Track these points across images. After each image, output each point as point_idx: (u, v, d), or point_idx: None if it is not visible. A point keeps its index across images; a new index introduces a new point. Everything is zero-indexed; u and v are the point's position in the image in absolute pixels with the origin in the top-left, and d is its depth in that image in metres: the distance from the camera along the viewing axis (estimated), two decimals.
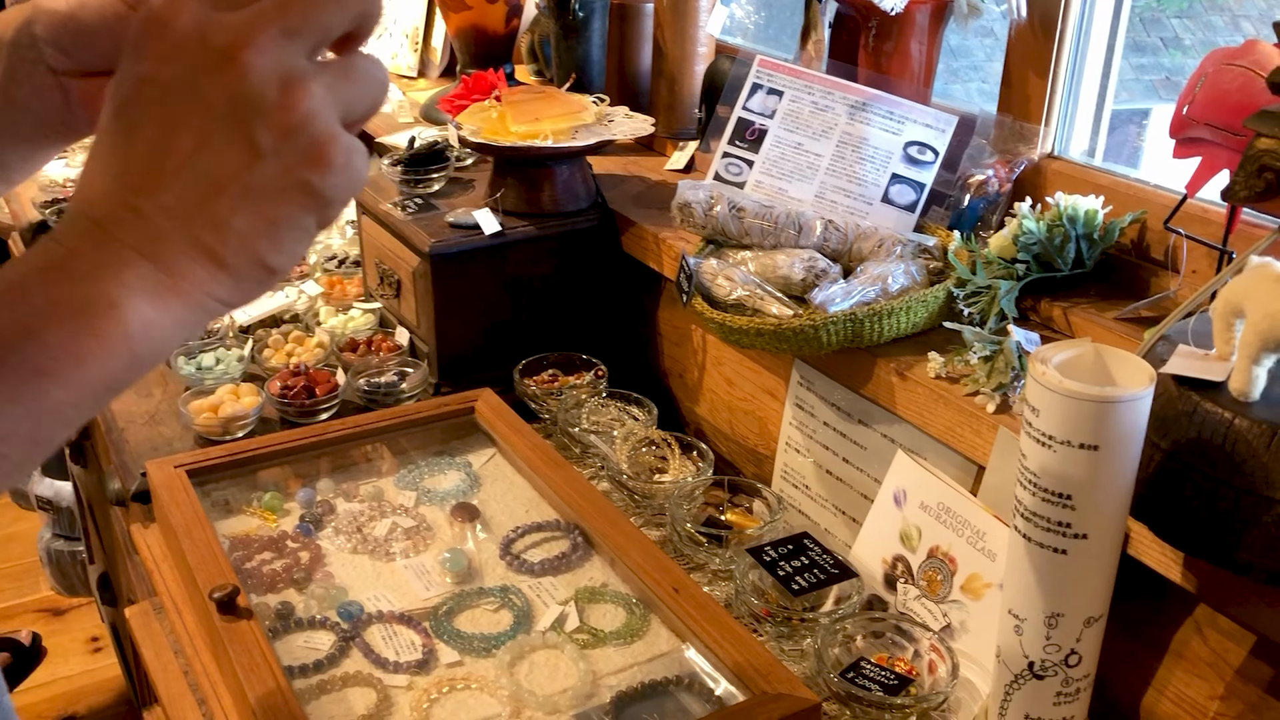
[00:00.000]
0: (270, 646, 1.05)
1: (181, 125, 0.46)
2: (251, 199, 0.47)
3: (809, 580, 1.13)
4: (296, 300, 1.82)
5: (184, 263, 0.47)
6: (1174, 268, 1.21)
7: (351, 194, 0.49)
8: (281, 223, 0.47)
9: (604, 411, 1.52)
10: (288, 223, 0.48)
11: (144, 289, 0.46)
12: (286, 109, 0.46)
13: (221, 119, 0.46)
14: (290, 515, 1.34)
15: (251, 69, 0.46)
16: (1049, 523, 0.85)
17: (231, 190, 0.46)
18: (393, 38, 2.55)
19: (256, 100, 0.46)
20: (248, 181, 0.46)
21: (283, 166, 0.46)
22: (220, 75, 0.46)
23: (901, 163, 1.37)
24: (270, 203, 0.47)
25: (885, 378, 1.19)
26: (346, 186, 0.48)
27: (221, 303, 0.49)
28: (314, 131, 0.46)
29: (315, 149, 0.47)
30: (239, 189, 0.46)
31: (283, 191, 0.47)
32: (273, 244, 0.48)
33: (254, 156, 0.46)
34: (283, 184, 0.47)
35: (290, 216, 0.48)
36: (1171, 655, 1.00)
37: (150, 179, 0.46)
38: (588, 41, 1.89)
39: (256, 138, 0.46)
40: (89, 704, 2.57)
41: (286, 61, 0.46)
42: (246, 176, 0.46)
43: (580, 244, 1.63)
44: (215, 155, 0.46)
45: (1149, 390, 0.81)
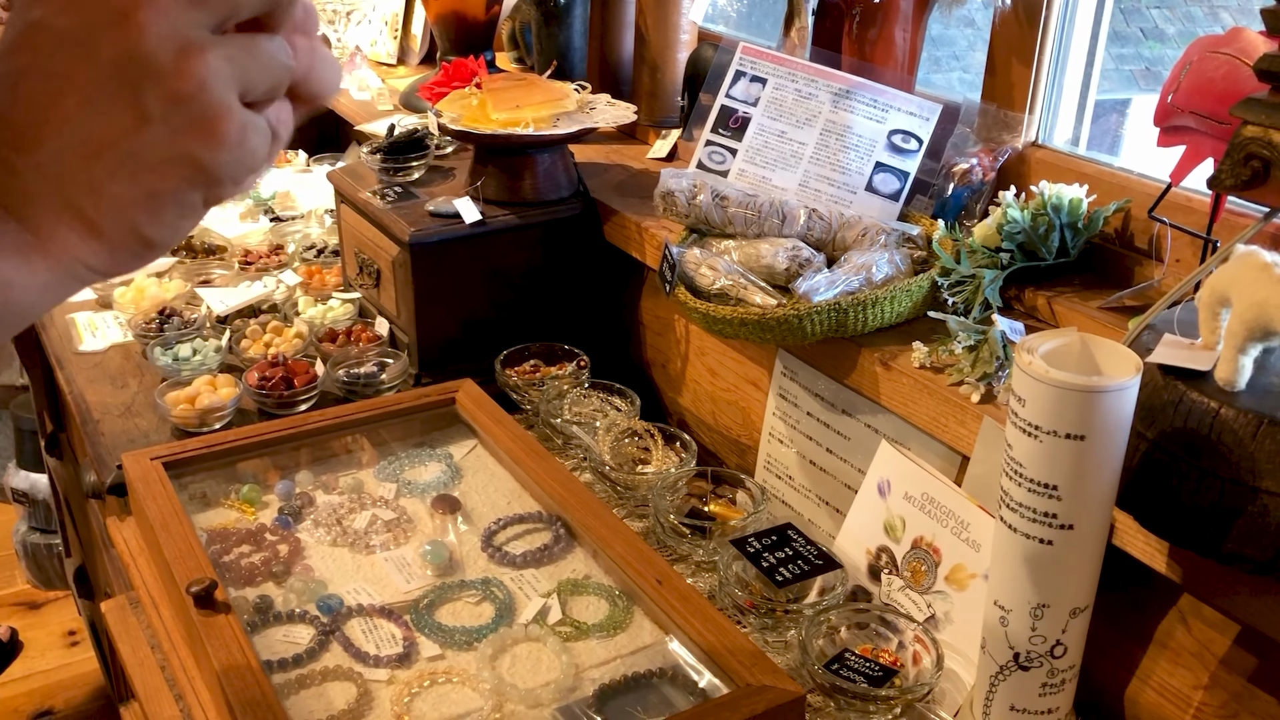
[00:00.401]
0: (248, 641, 1.04)
1: (68, 80, 0.43)
2: (132, 166, 0.44)
3: (793, 572, 1.12)
4: (275, 290, 1.80)
5: (54, 224, 0.45)
6: (1158, 257, 1.20)
7: (245, 174, 0.47)
8: (163, 195, 0.45)
9: (586, 402, 1.50)
10: (170, 196, 0.45)
11: (7, 248, 0.44)
12: (179, 75, 0.43)
13: (110, 78, 0.43)
14: (269, 508, 1.32)
15: (147, 30, 0.43)
16: (1035, 513, 0.84)
17: (112, 154, 0.44)
18: (372, 24, 2.52)
19: (148, 62, 0.43)
20: (130, 147, 0.44)
21: (169, 135, 0.44)
22: (114, 32, 0.43)
23: (885, 151, 1.36)
24: (152, 172, 0.45)
25: (869, 368, 1.19)
26: (238, 165, 0.46)
27: (93, 270, 0.46)
28: (205, 102, 0.44)
29: (205, 121, 0.44)
30: (120, 154, 0.44)
31: (167, 162, 0.45)
32: (151, 216, 0.46)
33: (140, 121, 0.44)
34: (167, 154, 0.44)
35: (173, 190, 0.45)
36: (1156, 645, 1.00)
37: (27, 133, 0.44)
38: (569, 28, 1.88)
39: (144, 102, 0.43)
40: (66, 698, 2.55)
41: (185, 28, 0.44)
42: (129, 141, 0.44)
43: (562, 233, 1.62)
44: (99, 115, 0.44)
45: (1136, 380, 0.81)
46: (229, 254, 1.95)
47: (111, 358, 1.67)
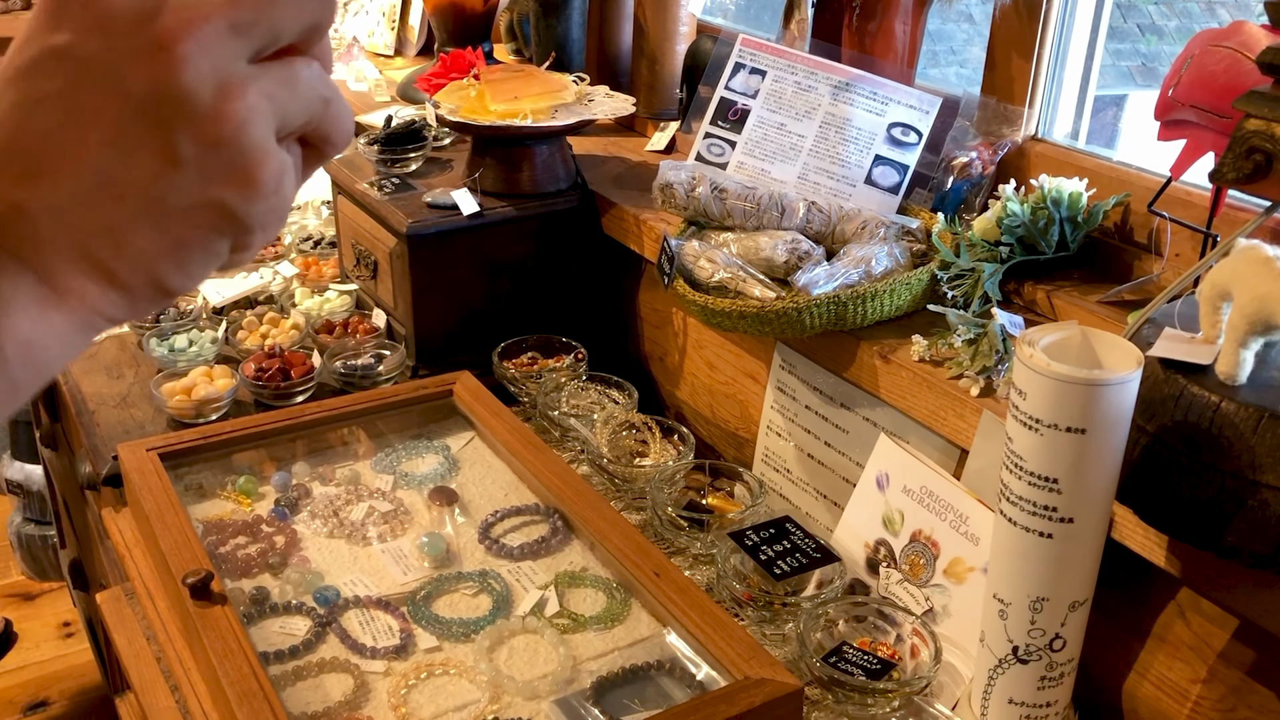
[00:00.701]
0: (245, 632, 1.03)
1: (93, 114, 0.39)
2: (158, 213, 0.40)
3: (791, 565, 1.12)
4: (271, 281, 1.79)
5: (71, 275, 0.40)
6: (1157, 251, 1.20)
7: (276, 222, 0.43)
8: (190, 245, 0.41)
9: (584, 395, 1.50)
10: (197, 245, 0.41)
11: (22, 303, 0.40)
12: (217, 117, 0.39)
13: (141, 115, 0.39)
14: (265, 499, 1.32)
15: (187, 64, 0.39)
16: (1035, 506, 0.84)
17: (136, 199, 0.40)
18: (369, 15, 2.52)
19: (186, 101, 0.39)
20: (157, 192, 0.40)
21: (201, 181, 0.40)
22: (150, 64, 0.39)
23: (885, 144, 1.36)
24: (180, 220, 0.41)
25: (868, 361, 1.18)
26: (271, 212, 0.42)
27: (111, 320, 0.43)
28: (244, 146, 0.40)
29: (243, 167, 0.40)
30: (146, 199, 0.40)
31: (196, 209, 0.41)
32: (176, 265, 0.42)
33: (170, 165, 0.40)
34: (197, 201, 0.40)
35: (201, 239, 0.41)
36: (1154, 639, 1.00)
37: (43, 171, 0.39)
38: (568, 20, 1.87)
39: (176, 143, 0.39)
40: (61, 689, 2.54)
41: (228, 63, 0.40)
42: (157, 186, 0.40)
43: (560, 225, 1.62)
44: (125, 156, 0.39)
45: (1137, 373, 0.81)
46: None
47: (107, 348, 1.67)
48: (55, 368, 0.42)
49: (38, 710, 2.48)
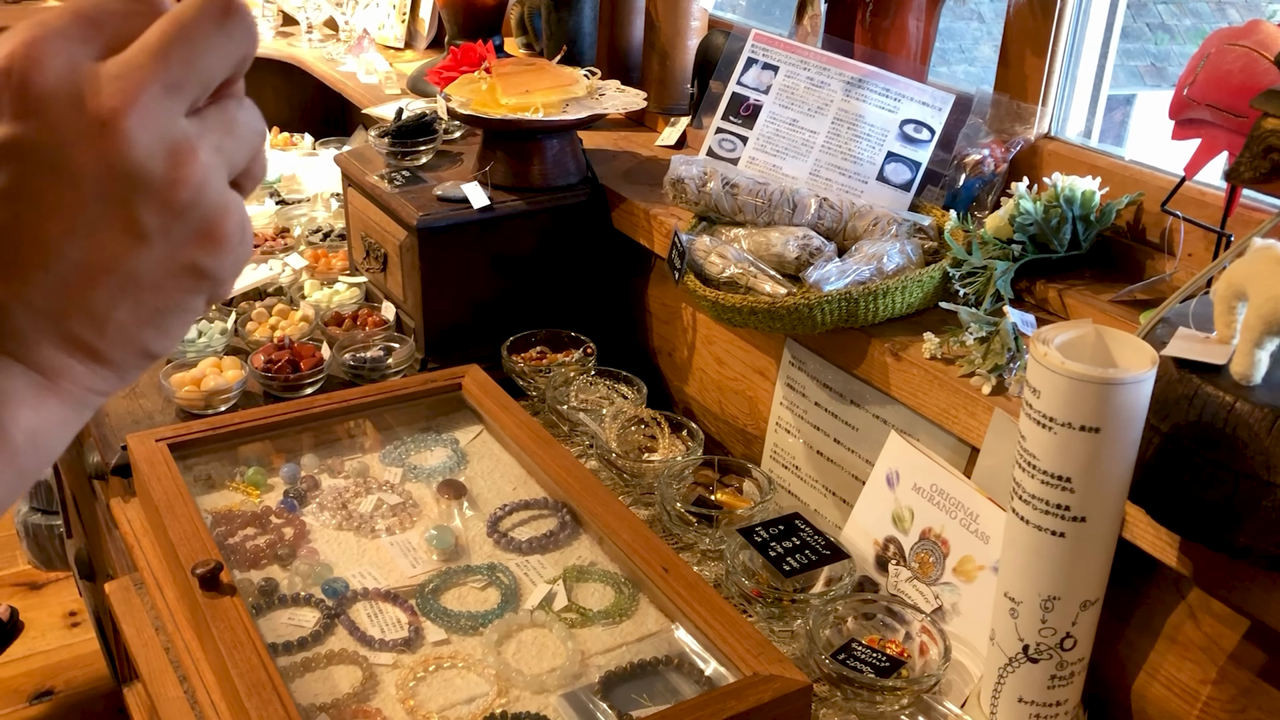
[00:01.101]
0: (253, 623, 1.03)
1: (49, 205, 0.38)
2: (134, 288, 0.40)
3: (800, 561, 1.12)
4: (281, 273, 1.79)
5: (60, 361, 0.41)
6: (1170, 250, 1.20)
7: (243, 265, 0.43)
8: (169, 310, 0.42)
9: (592, 390, 1.50)
10: (175, 309, 0.42)
11: (21, 395, 0.40)
12: (176, 184, 0.39)
13: (98, 198, 0.38)
14: (274, 491, 1.32)
15: (134, 138, 0.38)
16: (1047, 505, 0.84)
17: (110, 279, 0.40)
18: (380, 8, 2.51)
19: (141, 176, 0.39)
20: (129, 269, 0.40)
21: (171, 249, 0.40)
22: (97, 144, 0.38)
23: (897, 141, 1.36)
24: (156, 291, 0.41)
25: (879, 358, 1.18)
26: (239, 261, 0.42)
27: (105, 394, 0.43)
28: (206, 206, 0.40)
29: (208, 226, 0.40)
30: (119, 278, 0.40)
31: (171, 277, 0.41)
32: (159, 332, 0.42)
33: (137, 240, 0.39)
34: (171, 269, 0.40)
35: (178, 302, 0.42)
36: (1164, 639, 1.00)
37: (9, 270, 0.39)
38: (579, 14, 1.87)
39: (140, 219, 0.39)
40: (67, 679, 2.54)
41: (173, 126, 0.39)
42: (128, 263, 0.40)
43: (570, 220, 1.61)
44: (91, 241, 0.39)
45: (1151, 372, 0.80)
46: None
47: None
48: (58, 450, 0.43)
49: (43, 699, 2.49)
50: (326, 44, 2.53)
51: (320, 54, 2.48)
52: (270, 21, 2.63)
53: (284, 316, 1.64)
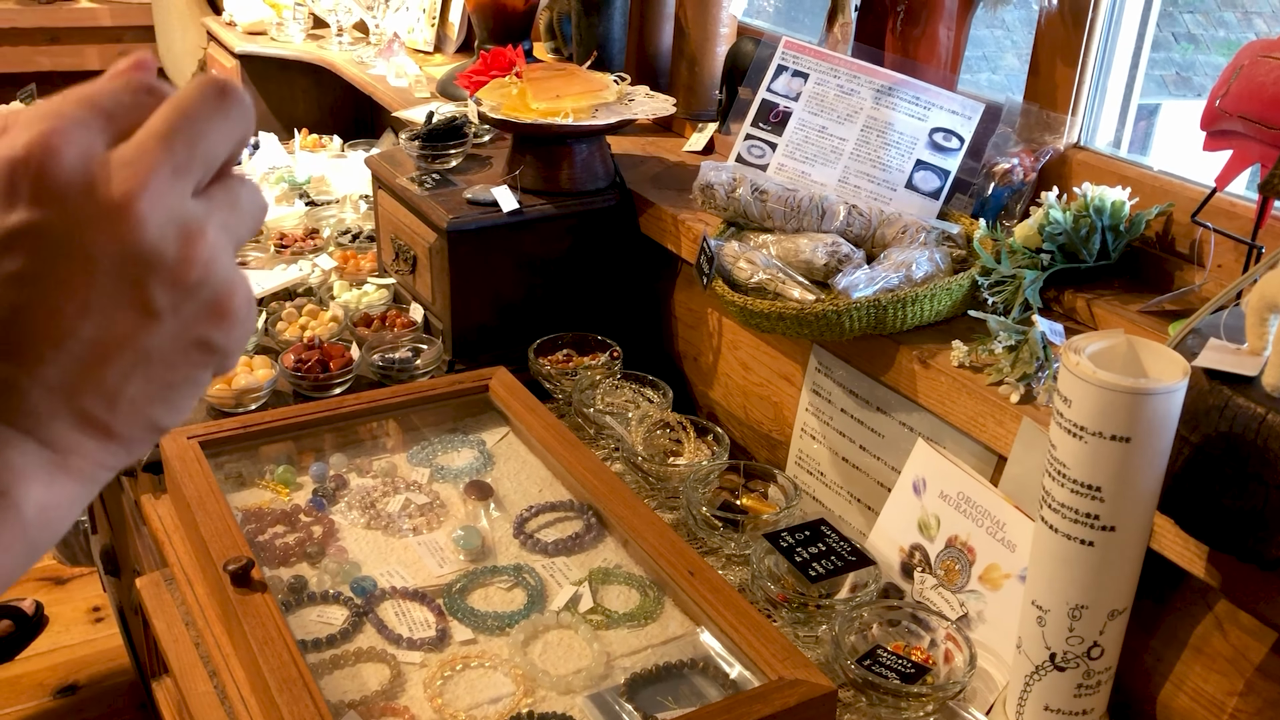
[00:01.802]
0: (284, 620, 1.04)
1: (63, 286, 0.40)
2: (145, 365, 0.41)
3: (826, 567, 1.12)
4: (310, 274, 1.80)
5: (72, 437, 0.42)
6: (1199, 261, 1.20)
7: (250, 337, 0.45)
8: (178, 384, 0.43)
9: (618, 393, 1.51)
10: (185, 383, 0.43)
11: (33, 471, 0.41)
12: (187, 263, 0.41)
13: (111, 279, 0.40)
14: (303, 489, 1.33)
15: (147, 221, 0.40)
16: (1077, 514, 0.84)
17: (122, 357, 0.41)
18: (409, 11, 2.53)
19: (153, 257, 0.40)
20: (141, 346, 0.41)
21: (181, 326, 0.41)
22: (110, 228, 0.39)
23: (926, 149, 1.36)
24: (167, 366, 0.42)
25: (907, 365, 1.19)
26: (247, 334, 0.44)
27: (113, 470, 0.44)
28: (216, 283, 0.41)
29: (217, 303, 0.42)
30: (131, 355, 0.41)
31: (181, 352, 0.42)
32: (168, 407, 0.43)
33: (149, 318, 0.41)
34: (181, 345, 0.42)
35: (188, 376, 0.43)
36: (1190, 650, 1.00)
37: (25, 349, 0.40)
38: (609, 19, 1.88)
39: (152, 297, 0.40)
40: (90, 673, 2.57)
41: (181, 207, 0.41)
42: (140, 341, 0.41)
43: (597, 224, 1.62)
44: (104, 320, 0.40)
45: (1183, 383, 0.81)
46: (265, 236, 1.96)
47: None
48: (67, 524, 0.43)
49: (67, 693, 2.51)
50: (356, 47, 2.55)
51: (350, 57, 2.50)
52: (301, 24, 2.66)
53: (313, 317, 1.65)
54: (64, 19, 3.48)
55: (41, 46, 3.49)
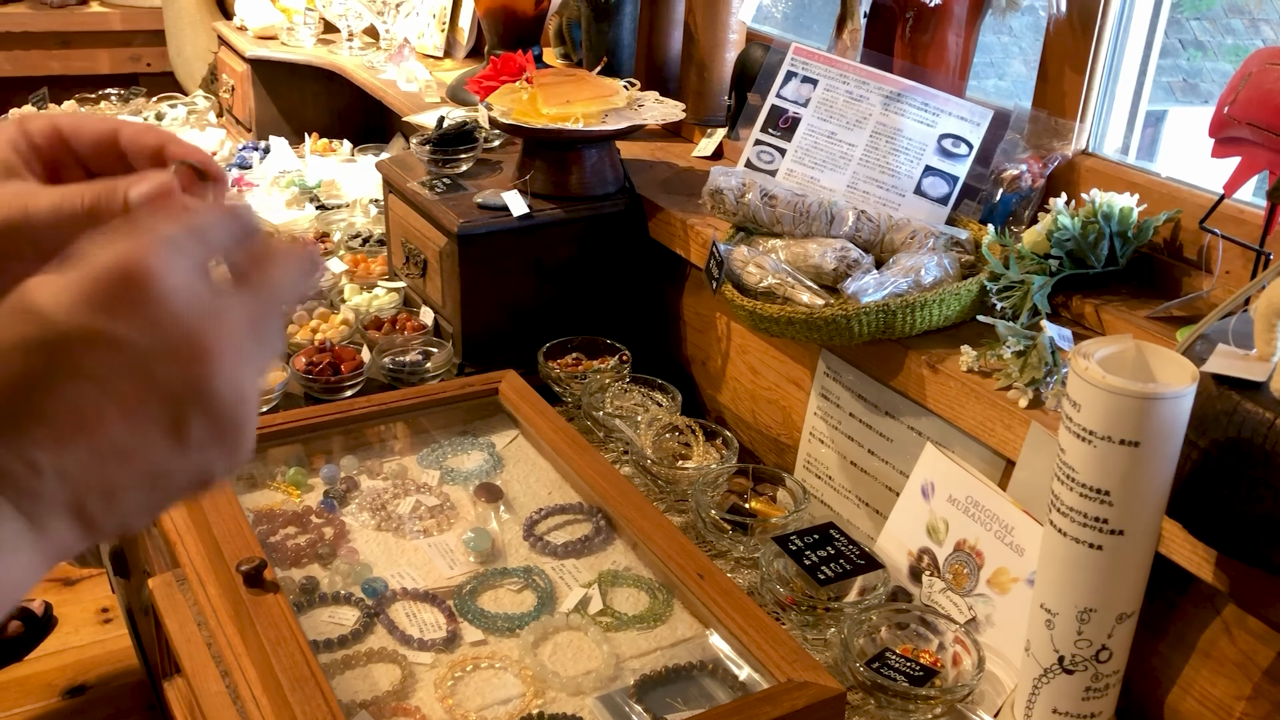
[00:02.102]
0: (296, 620, 1.05)
1: (122, 395, 0.42)
2: (153, 480, 0.44)
3: (835, 570, 1.13)
4: (321, 277, 1.82)
5: (58, 525, 0.43)
6: (1207, 268, 1.20)
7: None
8: (167, 501, 0.45)
9: (627, 397, 1.52)
10: (173, 500, 0.46)
11: (12, 548, 0.42)
12: (232, 417, 0.44)
13: (163, 401, 0.43)
14: (314, 491, 1.34)
15: (221, 373, 0.43)
16: (1086, 518, 0.85)
17: (138, 468, 0.43)
18: (419, 17, 2.54)
19: (210, 404, 0.44)
20: (160, 465, 0.44)
21: (201, 458, 0.44)
22: (187, 366, 0.43)
23: (935, 155, 1.37)
24: (170, 485, 0.45)
25: (916, 370, 1.19)
26: (239, 467, 0.48)
27: (71, 554, 0.45)
28: (245, 428, 0.45)
29: (236, 441, 0.45)
30: (147, 470, 0.44)
31: (188, 477, 0.45)
32: (148, 515, 0.45)
33: (177, 445, 0.44)
34: (192, 472, 0.45)
35: (179, 496, 0.46)
36: (1198, 655, 1.00)
37: (62, 436, 0.42)
38: (619, 25, 1.89)
39: (188, 430, 0.44)
40: (99, 673, 2.57)
41: (248, 374, 0.45)
42: (161, 461, 0.44)
43: (607, 228, 1.63)
44: (139, 434, 0.43)
45: (1192, 388, 0.81)
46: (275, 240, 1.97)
47: None
48: (20, 597, 0.44)
49: (76, 694, 2.52)
50: (367, 52, 2.57)
51: (361, 62, 2.51)
52: (312, 29, 2.67)
53: (324, 320, 1.66)
54: (75, 23, 3.50)
55: (53, 51, 3.50)
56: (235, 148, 2.53)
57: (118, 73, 3.55)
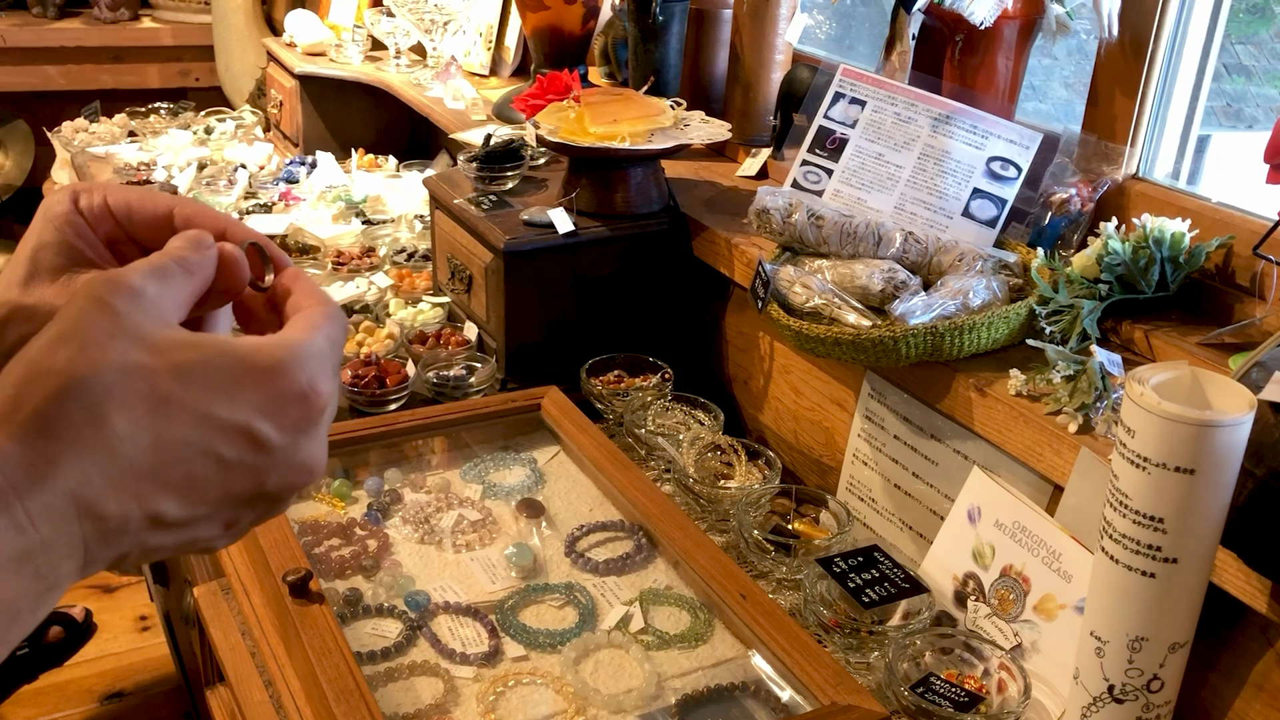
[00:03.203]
0: (341, 632, 1.06)
1: (231, 480, 0.46)
2: (183, 545, 0.47)
3: (879, 593, 1.12)
4: (367, 291, 1.83)
5: (101, 566, 0.44)
6: (1260, 294, 1.19)
7: None
8: (187, 548, 0.48)
9: (669, 415, 1.52)
10: (192, 547, 0.48)
11: (64, 584, 0.43)
12: (287, 498, 0.49)
13: (256, 499, 0.47)
14: (359, 503, 1.35)
15: (312, 482, 0.49)
16: (1138, 545, 0.84)
17: (184, 542, 0.46)
18: (466, 35, 2.57)
19: (283, 506, 0.49)
20: (202, 541, 0.47)
21: (235, 533, 0.49)
22: (294, 476, 0.47)
23: (984, 177, 1.36)
24: (193, 550, 0.48)
25: (963, 393, 1.18)
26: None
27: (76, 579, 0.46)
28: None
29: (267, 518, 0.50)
30: (189, 542, 0.46)
31: (214, 545, 0.49)
32: (156, 558, 0.50)
33: (229, 531, 0.48)
34: (210, 543, 0.48)
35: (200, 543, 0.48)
36: (1250, 687, 0.99)
37: (167, 497, 0.44)
38: (666, 45, 1.90)
39: (247, 523, 0.48)
40: (136, 681, 2.60)
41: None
42: (208, 540, 0.47)
43: (651, 247, 1.64)
44: (210, 522, 0.46)
45: (1249, 415, 0.80)
46: (322, 254, 2.00)
47: None
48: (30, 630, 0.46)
49: (113, 700, 2.54)
50: (414, 69, 2.59)
51: (408, 79, 2.54)
52: (360, 46, 2.70)
53: (370, 333, 1.68)
54: (127, 38, 3.56)
55: (105, 65, 3.57)
56: (282, 162, 2.56)
57: (167, 87, 3.61)
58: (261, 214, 2.23)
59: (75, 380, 0.42)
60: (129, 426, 0.42)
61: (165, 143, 2.69)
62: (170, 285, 0.47)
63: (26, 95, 3.58)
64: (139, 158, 2.60)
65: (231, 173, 2.42)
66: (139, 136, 2.84)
